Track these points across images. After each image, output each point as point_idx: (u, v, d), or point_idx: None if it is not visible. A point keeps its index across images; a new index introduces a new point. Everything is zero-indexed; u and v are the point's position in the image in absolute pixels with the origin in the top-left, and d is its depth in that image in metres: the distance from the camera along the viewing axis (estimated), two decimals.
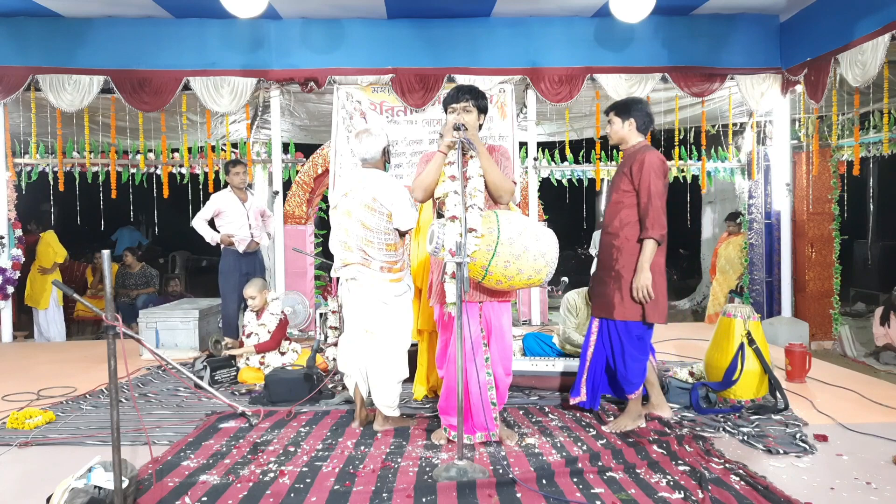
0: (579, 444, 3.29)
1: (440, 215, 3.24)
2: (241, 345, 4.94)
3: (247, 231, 5.55)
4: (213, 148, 7.26)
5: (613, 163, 7.52)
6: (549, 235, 3.18)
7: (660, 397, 3.77)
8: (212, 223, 5.61)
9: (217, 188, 6.87)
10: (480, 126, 3.36)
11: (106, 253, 2.35)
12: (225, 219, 5.53)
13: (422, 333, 4.13)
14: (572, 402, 3.71)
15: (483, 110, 3.35)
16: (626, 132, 3.53)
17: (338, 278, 3.62)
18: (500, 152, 3.33)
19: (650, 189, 3.32)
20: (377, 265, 3.40)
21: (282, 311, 4.97)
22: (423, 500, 2.66)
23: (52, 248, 7.39)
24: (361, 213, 3.39)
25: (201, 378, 4.46)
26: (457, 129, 3.14)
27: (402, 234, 3.51)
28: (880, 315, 6.82)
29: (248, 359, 4.84)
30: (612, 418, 3.68)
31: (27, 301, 7.35)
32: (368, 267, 3.40)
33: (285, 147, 7.23)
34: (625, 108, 3.54)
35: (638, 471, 2.91)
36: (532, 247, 3.07)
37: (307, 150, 7.45)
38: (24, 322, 7.63)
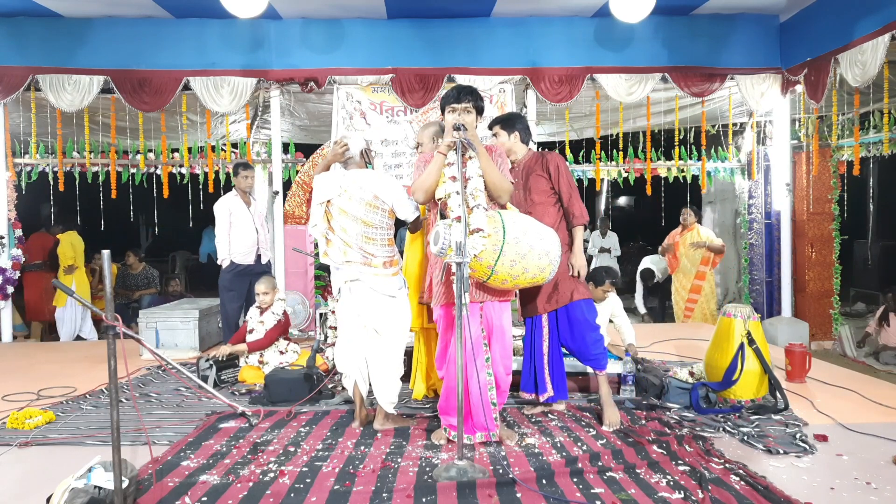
0: (579, 444, 3.29)
1: (443, 216, 3.25)
2: (243, 338, 4.96)
3: (253, 237, 5.55)
4: (213, 148, 7.26)
5: (613, 163, 7.52)
6: (551, 234, 3.21)
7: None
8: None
9: (217, 188, 6.89)
10: (476, 127, 3.37)
11: (106, 253, 2.35)
12: (231, 224, 5.53)
13: (422, 332, 4.14)
14: (542, 398, 3.71)
15: (480, 112, 3.38)
16: (511, 144, 3.74)
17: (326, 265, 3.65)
18: (496, 153, 3.35)
19: (570, 185, 3.64)
20: (379, 261, 3.44)
21: (283, 312, 4.99)
22: (423, 500, 2.66)
23: (74, 249, 7.37)
24: (362, 211, 3.42)
25: (206, 378, 4.46)
26: (457, 129, 3.15)
27: (413, 229, 3.64)
28: (879, 314, 6.85)
29: (247, 357, 4.85)
30: None
31: (55, 302, 7.18)
32: (370, 265, 3.42)
33: (285, 147, 7.22)
34: (509, 123, 3.75)
35: (638, 471, 2.91)
36: (537, 246, 3.09)
37: (307, 150, 7.45)
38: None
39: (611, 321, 4.80)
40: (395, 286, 3.48)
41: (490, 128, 3.81)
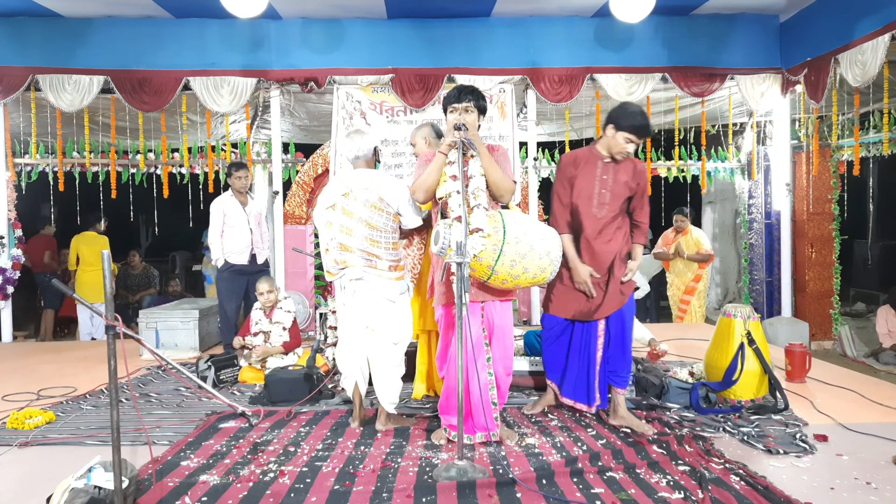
0: (579, 444, 3.29)
1: (443, 216, 3.25)
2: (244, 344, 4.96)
3: (247, 237, 5.54)
4: (213, 148, 7.26)
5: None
6: (552, 234, 3.22)
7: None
8: None
9: (217, 188, 6.88)
10: (479, 126, 3.36)
11: (105, 253, 2.36)
12: (226, 223, 5.53)
13: (424, 333, 4.14)
14: (593, 409, 3.65)
15: (483, 111, 3.35)
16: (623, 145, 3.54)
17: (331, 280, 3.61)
18: (499, 152, 3.34)
19: (647, 202, 3.60)
20: (384, 264, 3.42)
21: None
22: (423, 500, 2.66)
23: (98, 244, 7.36)
24: (367, 213, 3.39)
25: (205, 378, 4.46)
26: (457, 128, 3.15)
27: (403, 234, 3.54)
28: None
29: (251, 358, 4.85)
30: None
31: (93, 299, 6.91)
32: (375, 267, 3.41)
33: (285, 147, 7.22)
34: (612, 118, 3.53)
35: (638, 471, 2.91)
36: (537, 246, 3.09)
37: (307, 150, 7.45)
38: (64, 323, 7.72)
39: None
40: (396, 291, 3.45)
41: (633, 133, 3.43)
